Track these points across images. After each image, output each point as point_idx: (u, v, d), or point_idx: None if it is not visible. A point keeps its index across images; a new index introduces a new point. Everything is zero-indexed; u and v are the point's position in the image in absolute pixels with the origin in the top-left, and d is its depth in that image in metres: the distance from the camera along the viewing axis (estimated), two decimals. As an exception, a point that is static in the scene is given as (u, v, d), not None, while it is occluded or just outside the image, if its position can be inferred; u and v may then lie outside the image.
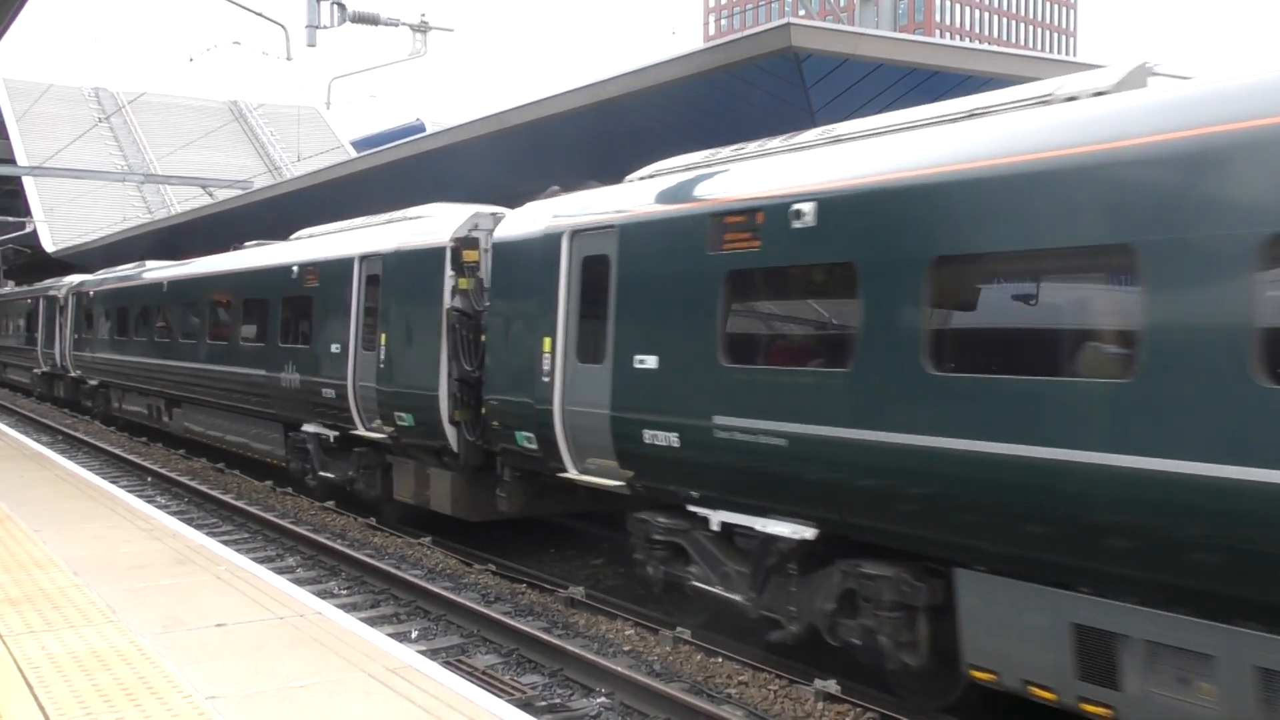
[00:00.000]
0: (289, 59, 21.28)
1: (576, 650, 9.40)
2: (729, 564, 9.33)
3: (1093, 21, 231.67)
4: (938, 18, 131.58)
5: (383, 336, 14.05)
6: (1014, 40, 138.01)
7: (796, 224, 8.25)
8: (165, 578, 8.84)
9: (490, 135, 19.78)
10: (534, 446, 11.35)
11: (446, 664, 9.10)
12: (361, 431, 14.88)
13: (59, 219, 54.10)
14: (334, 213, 20.93)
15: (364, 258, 14.93)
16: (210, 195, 37.75)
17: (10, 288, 48.49)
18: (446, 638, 10.49)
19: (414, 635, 10.54)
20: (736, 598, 9.25)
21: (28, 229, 53.47)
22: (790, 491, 8.29)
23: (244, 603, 8.10)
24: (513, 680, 9.13)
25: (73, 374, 31.20)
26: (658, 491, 9.90)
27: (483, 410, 12.32)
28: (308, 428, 16.47)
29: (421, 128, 51.29)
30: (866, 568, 7.99)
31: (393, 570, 12.35)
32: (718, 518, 9.18)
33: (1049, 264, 6.83)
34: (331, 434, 15.83)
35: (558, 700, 8.73)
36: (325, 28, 19.49)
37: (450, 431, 12.81)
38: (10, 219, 51.76)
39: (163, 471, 20.29)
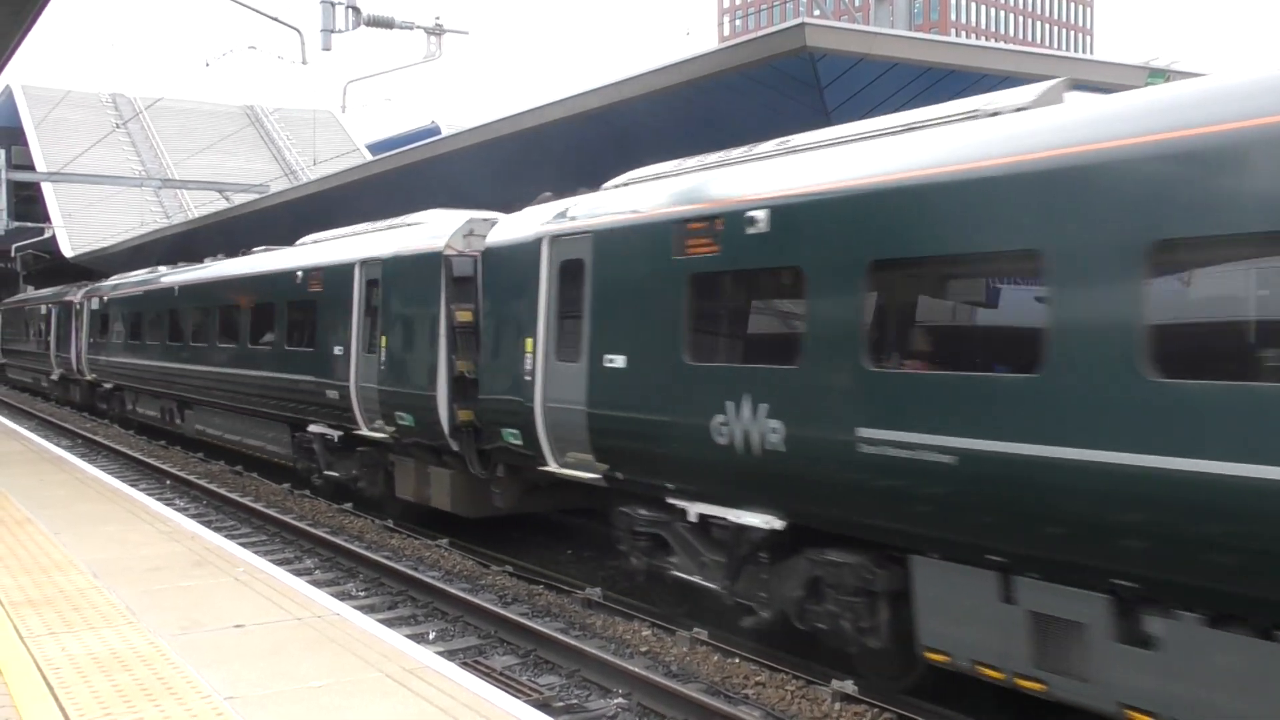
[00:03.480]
0: (304, 63, 21.36)
1: (594, 651, 9.40)
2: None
3: (1110, 19, 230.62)
4: (953, 16, 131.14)
5: None
6: (1030, 39, 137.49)
7: None
8: (184, 579, 8.88)
9: (508, 136, 19.85)
10: None
11: (464, 665, 9.12)
12: None
13: (77, 224, 54.41)
14: (350, 215, 20.97)
15: None
16: (227, 199, 37.97)
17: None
18: (464, 639, 10.51)
19: (431, 636, 10.56)
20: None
21: (46, 234, 53.83)
22: None
23: (262, 604, 8.13)
24: (530, 681, 9.14)
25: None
26: None
27: None
28: None
29: (437, 130, 51.43)
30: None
31: (410, 572, 12.38)
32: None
33: None
34: None
35: (575, 701, 8.74)
36: (340, 32, 19.55)
37: None
38: (30, 224, 52.05)
39: (181, 474, 20.37)
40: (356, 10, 19.61)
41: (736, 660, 9.39)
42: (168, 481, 20.14)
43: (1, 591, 8.37)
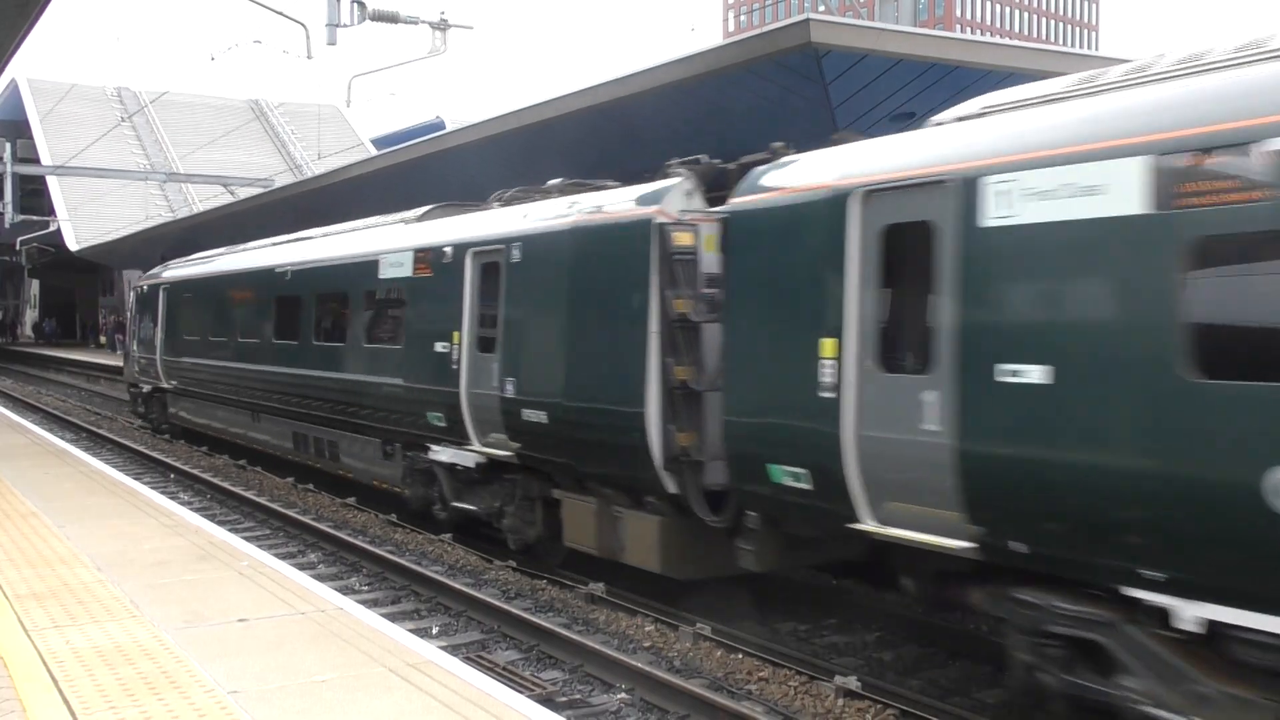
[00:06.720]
0: (309, 57, 21.40)
1: (597, 646, 9.40)
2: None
3: (1115, 16, 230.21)
4: (958, 12, 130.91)
5: None
6: (1036, 35, 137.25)
7: None
8: (188, 573, 8.90)
9: (514, 131, 19.88)
10: None
11: (467, 660, 9.13)
12: None
13: (82, 218, 54.48)
14: (357, 209, 20.97)
15: None
16: (232, 193, 38.00)
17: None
18: (467, 634, 10.52)
19: (435, 631, 10.57)
20: None
21: (51, 228, 53.91)
22: None
23: (266, 598, 8.14)
24: (533, 676, 9.15)
25: None
26: None
27: None
28: None
29: (441, 125, 51.43)
30: None
31: (414, 566, 12.39)
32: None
33: None
34: None
35: (578, 696, 8.74)
36: (345, 26, 19.58)
37: None
38: (35, 218, 52.11)
39: (185, 468, 20.39)
40: (361, 5, 19.63)
41: (740, 656, 9.39)
42: (172, 475, 20.16)
43: (6, 584, 8.39)
